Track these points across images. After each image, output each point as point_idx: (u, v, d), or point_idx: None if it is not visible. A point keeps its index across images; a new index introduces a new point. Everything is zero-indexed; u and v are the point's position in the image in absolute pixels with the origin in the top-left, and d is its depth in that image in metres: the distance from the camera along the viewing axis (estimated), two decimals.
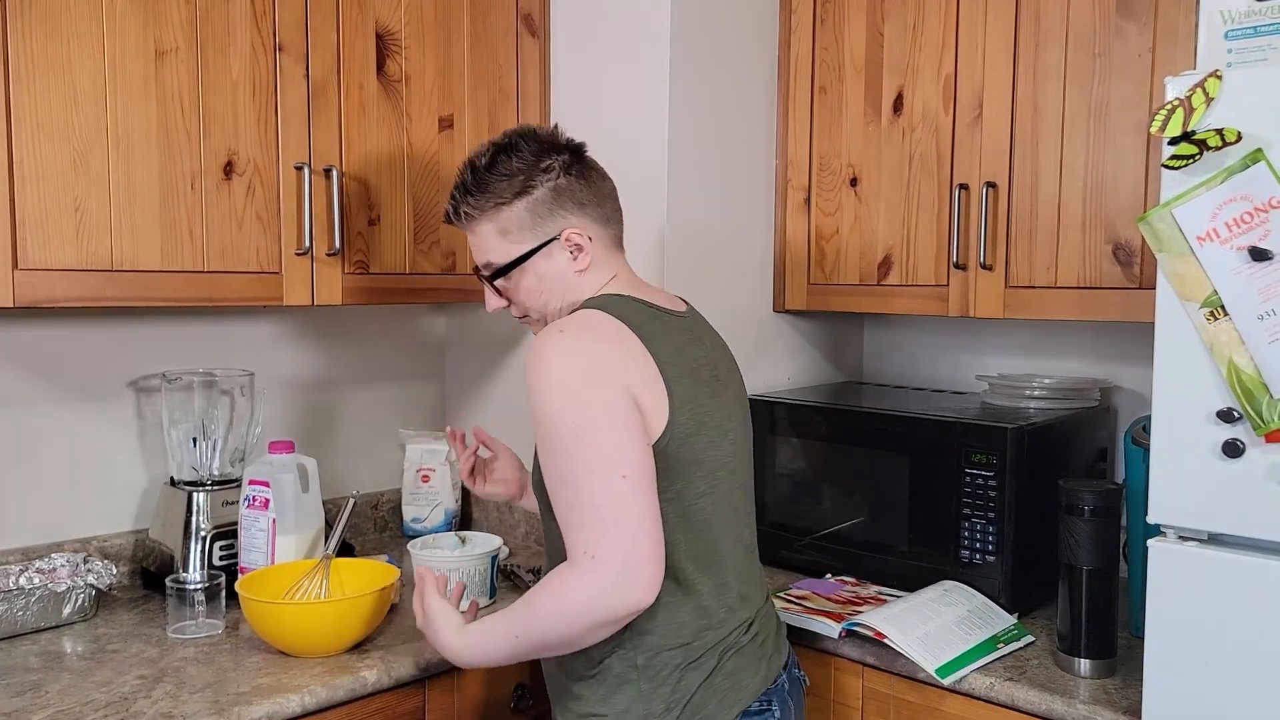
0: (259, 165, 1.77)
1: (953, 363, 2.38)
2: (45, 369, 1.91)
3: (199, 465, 1.93)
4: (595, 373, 1.28)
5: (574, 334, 1.32)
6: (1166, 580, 1.35)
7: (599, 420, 1.26)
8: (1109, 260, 1.79)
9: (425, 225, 2.02)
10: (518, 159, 1.41)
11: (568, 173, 1.42)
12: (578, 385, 1.27)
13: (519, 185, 1.40)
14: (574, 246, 1.42)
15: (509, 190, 1.40)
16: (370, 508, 2.37)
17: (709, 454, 1.37)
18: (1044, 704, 1.52)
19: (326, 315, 2.30)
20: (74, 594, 1.74)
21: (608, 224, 1.46)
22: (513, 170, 1.41)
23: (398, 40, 1.95)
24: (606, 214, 1.46)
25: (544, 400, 1.28)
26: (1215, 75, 1.28)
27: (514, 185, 1.40)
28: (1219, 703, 1.31)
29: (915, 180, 2.04)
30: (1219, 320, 1.28)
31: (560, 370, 1.28)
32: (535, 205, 1.41)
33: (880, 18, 2.07)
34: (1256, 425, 1.27)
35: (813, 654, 1.76)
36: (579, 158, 1.45)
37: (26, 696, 1.45)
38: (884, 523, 1.95)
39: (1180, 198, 1.30)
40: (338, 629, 1.60)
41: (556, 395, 1.27)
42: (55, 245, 1.56)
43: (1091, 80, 1.79)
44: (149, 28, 1.64)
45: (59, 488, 1.93)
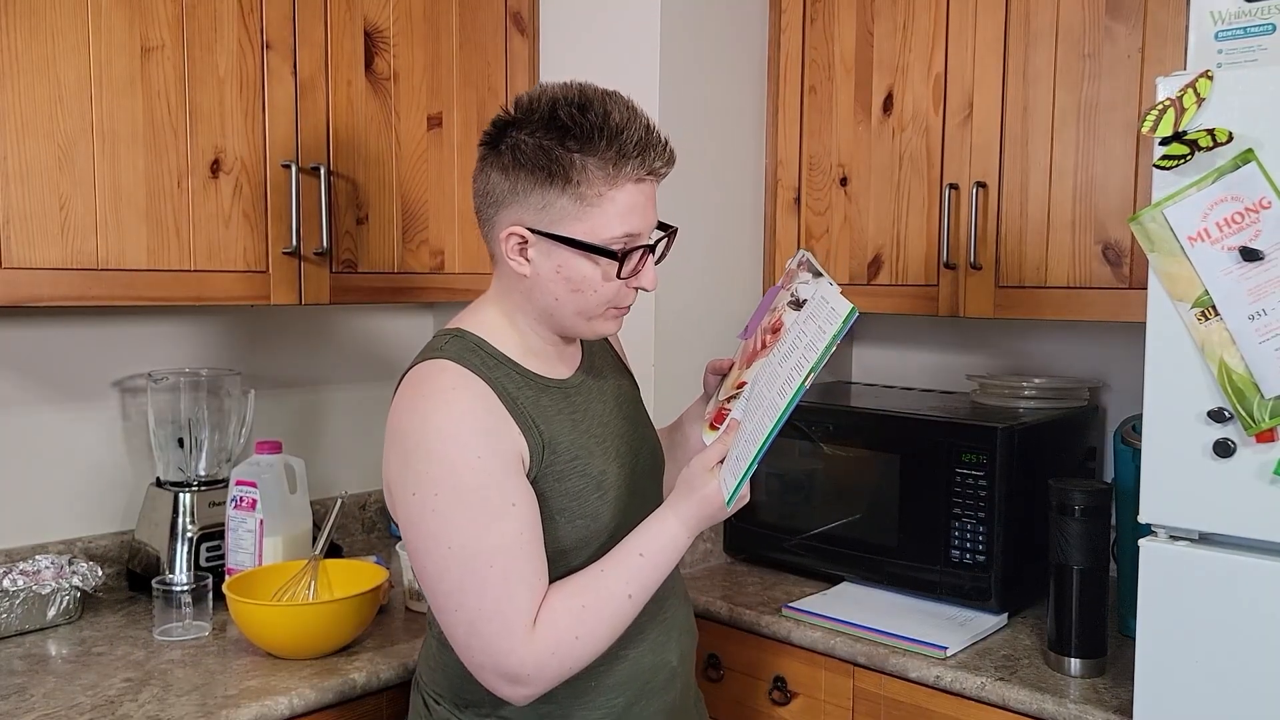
0: (246, 163, 1.76)
1: (942, 362, 2.39)
2: (30, 368, 1.89)
3: (185, 466, 1.92)
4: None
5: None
6: (1157, 580, 1.35)
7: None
8: (1098, 260, 1.79)
9: (414, 224, 2.01)
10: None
11: None
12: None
13: None
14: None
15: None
16: (358, 508, 2.35)
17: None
18: (1035, 703, 1.52)
19: (314, 314, 2.28)
20: (59, 596, 1.73)
21: None
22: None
23: (386, 38, 1.94)
24: None
25: None
26: (1206, 75, 1.28)
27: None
28: (1210, 701, 1.31)
29: (905, 180, 2.04)
30: (1210, 320, 1.28)
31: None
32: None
33: (870, 17, 2.07)
34: (1247, 425, 1.27)
35: (801, 653, 1.76)
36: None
37: (11, 700, 1.44)
38: (874, 522, 1.95)
39: (1171, 198, 1.30)
40: (326, 631, 1.59)
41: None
42: (40, 244, 1.55)
43: (1081, 81, 1.80)
44: (135, 24, 1.62)
45: (43, 489, 1.91)
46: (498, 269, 1.30)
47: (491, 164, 1.24)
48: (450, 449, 1.17)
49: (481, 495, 1.16)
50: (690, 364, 2.14)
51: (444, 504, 1.16)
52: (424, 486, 1.17)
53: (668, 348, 2.09)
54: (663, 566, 1.24)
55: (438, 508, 1.16)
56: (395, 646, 1.66)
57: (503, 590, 1.16)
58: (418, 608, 1.82)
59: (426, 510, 1.17)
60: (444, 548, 1.16)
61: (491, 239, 1.27)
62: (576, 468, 1.26)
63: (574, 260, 1.23)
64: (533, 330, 1.31)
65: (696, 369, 2.17)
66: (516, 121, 1.22)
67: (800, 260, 1.39)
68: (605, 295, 1.25)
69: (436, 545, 1.17)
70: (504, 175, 1.22)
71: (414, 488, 1.17)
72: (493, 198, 1.24)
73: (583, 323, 1.28)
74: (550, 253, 1.23)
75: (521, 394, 1.25)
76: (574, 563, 1.26)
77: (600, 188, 1.20)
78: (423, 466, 1.17)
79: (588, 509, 1.26)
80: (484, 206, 1.27)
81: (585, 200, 1.20)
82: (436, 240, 2.05)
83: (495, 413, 1.20)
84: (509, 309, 1.30)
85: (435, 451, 1.17)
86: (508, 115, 1.24)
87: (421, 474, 1.17)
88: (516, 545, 1.17)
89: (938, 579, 1.86)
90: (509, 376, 1.25)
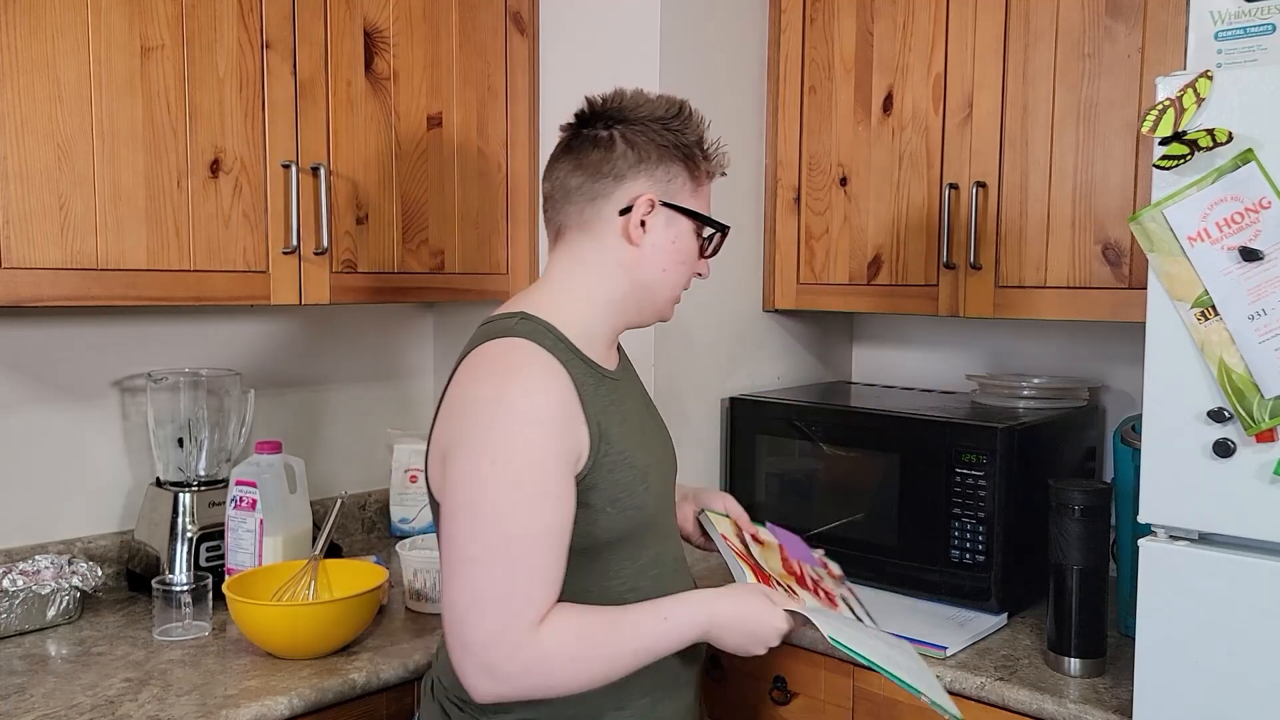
0: (246, 163, 1.76)
1: (942, 362, 2.39)
2: (29, 369, 1.89)
3: (185, 466, 1.92)
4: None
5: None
6: (1157, 579, 1.35)
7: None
8: (1098, 260, 1.79)
9: (414, 224, 2.01)
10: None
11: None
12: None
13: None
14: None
15: None
16: (358, 508, 2.35)
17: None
18: (1034, 703, 1.52)
19: (314, 314, 2.28)
20: (59, 596, 1.73)
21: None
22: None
23: (386, 37, 1.94)
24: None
25: None
26: (1206, 75, 1.28)
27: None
28: (1210, 701, 1.31)
29: (905, 180, 2.04)
30: (1210, 320, 1.29)
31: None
32: None
33: (870, 17, 2.07)
34: (1247, 425, 1.27)
35: (802, 653, 1.76)
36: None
37: (11, 700, 1.44)
38: (874, 523, 1.95)
39: (1171, 198, 1.30)
40: (326, 630, 1.58)
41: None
42: (40, 244, 1.55)
43: (1081, 80, 1.80)
44: (134, 24, 1.62)
45: (43, 489, 1.91)
46: (588, 246, 1.33)
47: (618, 136, 1.31)
48: (526, 428, 1.18)
49: (540, 480, 1.18)
50: (690, 363, 2.14)
51: (505, 476, 1.17)
52: (490, 454, 1.17)
53: (667, 347, 2.09)
54: (673, 641, 1.24)
55: (498, 477, 1.16)
56: (395, 646, 1.66)
57: (524, 577, 1.16)
58: (418, 608, 1.82)
59: (485, 477, 1.17)
60: (488, 515, 1.16)
61: (600, 214, 1.32)
62: (626, 459, 1.28)
63: (688, 233, 1.34)
64: (605, 314, 1.34)
65: (696, 368, 2.17)
66: (624, 107, 1.33)
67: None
68: (690, 274, 1.37)
69: (480, 510, 1.17)
70: (631, 147, 1.30)
71: (480, 454, 1.18)
72: (614, 170, 1.30)
73: (669, 303, 1.38)
74: (671, 223, 1.32)
75: (585, 383, 1.27)
76: (619, 556, 1.29)
77: (706, 170, 1.36)
78: (496, 436, 1.18)
79: (636, 500, 1.29)
80: (594, 181, 1.31)
81: (697, 180, 1.35)
82: (436, 240, 2.05)
83: (570, 403, 1.23)
84: (591, 287, 1.33)
85: (512, 426, 1.18)
86: (610, 101, 1.34)
87: (493, 443, 1.18)
88: (551, 540, 1.18)
89: (937, 579, 1.85)
90: (574, 364, 1.27)
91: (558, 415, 1.20)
